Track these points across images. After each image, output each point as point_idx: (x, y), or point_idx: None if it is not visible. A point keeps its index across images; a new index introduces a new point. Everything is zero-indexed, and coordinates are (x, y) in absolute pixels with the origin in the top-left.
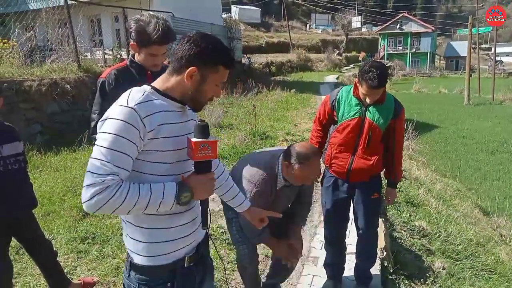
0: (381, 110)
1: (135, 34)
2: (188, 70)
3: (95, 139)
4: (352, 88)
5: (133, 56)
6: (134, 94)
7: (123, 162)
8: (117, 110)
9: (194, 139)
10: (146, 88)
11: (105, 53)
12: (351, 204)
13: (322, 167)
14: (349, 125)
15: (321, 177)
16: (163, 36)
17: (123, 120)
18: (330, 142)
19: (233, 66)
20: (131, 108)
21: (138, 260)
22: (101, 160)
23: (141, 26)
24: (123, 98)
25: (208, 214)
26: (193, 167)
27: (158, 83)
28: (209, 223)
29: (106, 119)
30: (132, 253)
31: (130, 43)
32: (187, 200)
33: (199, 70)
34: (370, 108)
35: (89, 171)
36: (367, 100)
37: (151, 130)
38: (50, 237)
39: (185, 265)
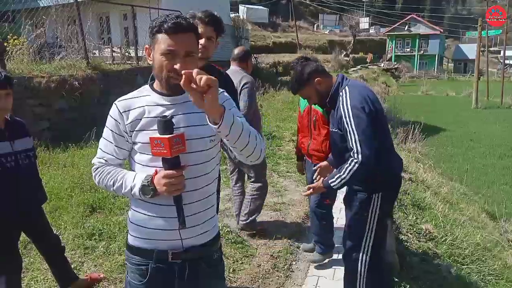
0: None
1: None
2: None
3: None
4: None
5: None
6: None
7: (108, 149)
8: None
9: (152, 135)
10: (145, 86)
11: (113, 51)
12: None
13: None
14: (304, 114)
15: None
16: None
17: (109, 115)
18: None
19: (170, 30)
20: (114, 103)
21: (128, 238)
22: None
23: None
24: None
25: (182, 212)
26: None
27: None
28: (185, 222)
29: None
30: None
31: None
32: (150, 193)
33: (150, 45)
34: None
35: None
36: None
37: (130, 123)
38: (57, 233)
39: (168, 259)
